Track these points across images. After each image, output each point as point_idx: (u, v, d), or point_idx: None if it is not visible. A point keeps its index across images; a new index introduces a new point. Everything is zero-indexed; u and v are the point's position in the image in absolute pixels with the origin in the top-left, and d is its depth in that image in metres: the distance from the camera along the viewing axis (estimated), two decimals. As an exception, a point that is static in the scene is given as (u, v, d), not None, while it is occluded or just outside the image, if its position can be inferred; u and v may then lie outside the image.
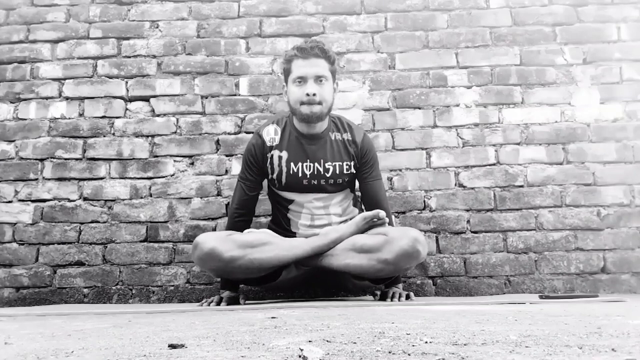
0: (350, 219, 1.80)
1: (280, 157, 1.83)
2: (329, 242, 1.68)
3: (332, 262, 1.66)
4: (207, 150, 2.23)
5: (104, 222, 2.18)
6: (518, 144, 2.21)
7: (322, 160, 1.82)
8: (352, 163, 1.85)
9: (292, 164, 1.82)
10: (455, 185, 2.19)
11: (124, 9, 2.36)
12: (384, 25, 2.32)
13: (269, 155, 1.84)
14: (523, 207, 2.15)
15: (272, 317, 1.12)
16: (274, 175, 1.84)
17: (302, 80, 1.76)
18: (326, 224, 1.84)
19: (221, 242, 1.62)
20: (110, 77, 2.31)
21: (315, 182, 1.82)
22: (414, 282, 2.10)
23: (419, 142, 2.22)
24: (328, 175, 1.82)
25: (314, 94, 1.73)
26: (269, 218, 2.08)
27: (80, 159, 2.24)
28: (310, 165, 1.82)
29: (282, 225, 1.88)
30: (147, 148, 2.25)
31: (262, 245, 1.64)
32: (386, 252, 1.60)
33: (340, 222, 1.84)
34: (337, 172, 1.83)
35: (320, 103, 1.75)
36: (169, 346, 0.67)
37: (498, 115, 2.24)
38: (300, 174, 1.82)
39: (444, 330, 0.81)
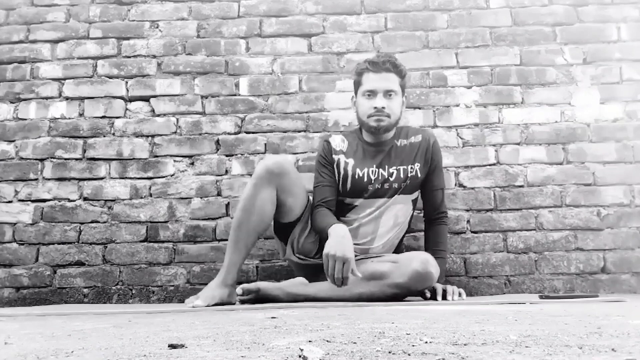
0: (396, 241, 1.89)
1: (346, 163, 1.87)
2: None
3: (344, 294, 1.67)
4: (207, 150, 2.23)
5: (104, 222, 2.18)
6: (518, 144, 2.21)
7: (386, 166, 1.85)
8: (418, 165, 1.86)
9: (357, 170, 1.85)
10: (455, 185, 2.19)
11: (124, 9, 2.36)
12: (384, 25, 2.32)
13: (335, 158, 1.88)
14: (523, 207, 2.15)
15: (272, 317, 1.12)
16: (340, 179, 1.87)
17: (371, 93, 1.80)
18: (372, 230, 1.84)
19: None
20: (110, 77, 2.31)
21: (379, 187, 1.84)
22: (414, 282, 2.10)
23: (419, 142, 2.21)
24: (392, 180, 1.84)
25: (383, 107, 1.78)
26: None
27: (80, 159, 2.24)
28: (375, 171, 1.85)
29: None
30: (147, 148, 2.25)
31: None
32: (397, 276, 1.63)
33: (387, 233, 1.85)
34: (402, 175, 1.84)
35: (388, 116, 1.79)
36: (169, 346, 0.67)
37: (498, 115, 2.24)
38: (365, 179, 1.84)
39: (444, 330, 0.81)
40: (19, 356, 0.63)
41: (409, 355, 0.58)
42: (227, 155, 2.22)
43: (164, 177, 2.22)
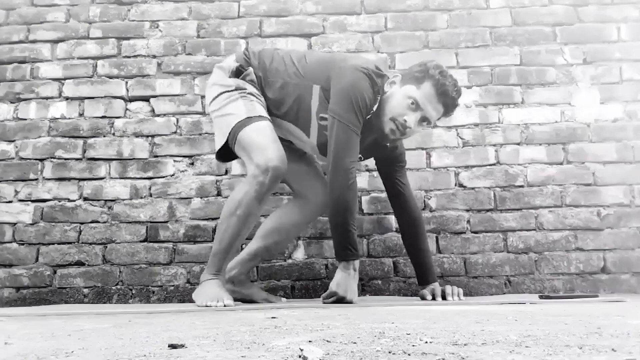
0: None
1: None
2: None
3: None
4: (207, 150, 2.23)
5: (104, 222, 2.18)
6: (518, 144, 2.21)
7: None
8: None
9: None
10: (455, 185, 2.19)
11: (124, 9, 2.36)
12: (384, 25, 2.32)
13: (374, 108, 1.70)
14: (523, 207, 2.15)
15: (272, 317, 1.12)
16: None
17: (416, 107, 1.63)
18: None
19: None
20: (110, 77, 2.31)
21: None
22: (414, 282, 2.10)
23: (419, 142, 2.22)
24: None
25: (409, 128, 1.64)
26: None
27: (80, 159, 2.24)
28: None
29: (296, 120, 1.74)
30: (147, 148, 2.25)
31: None
32: None
33: None
34: None
35: (403, 135, 1.67)
36: (169, 346, 0.67)
37: (498, 115, 2.24)
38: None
39: (444, 330, 0.81)
40: (19, 356, 0.63)
41: (409, 355, 0.58)
42: (227, 155, 2.22)
43: (164, 177, 2.22)
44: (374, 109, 1.68)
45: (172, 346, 0.66)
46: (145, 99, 2.29)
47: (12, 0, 2.37)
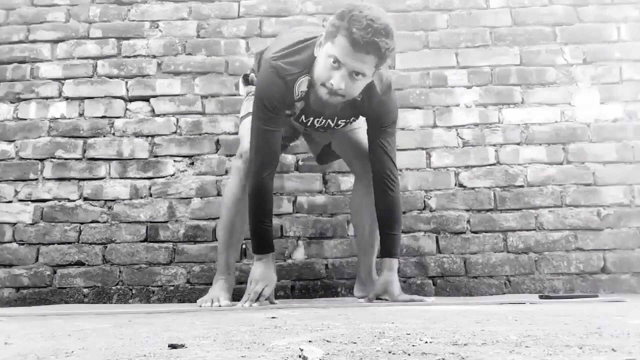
0: None
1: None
2: None
3: None
4: (207, 150, 2.23)
5: (104, 222, 2.18)
6: (518, 144, 2.21)
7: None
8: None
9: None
10: (455, 185, 2.19)
11: (124, 9, 2.36)
12: (384, 25, 2.32)
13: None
14: (523, 207, 2.15)
15: (272, 317, 1.12)
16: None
17: (338, 65, 1.47)
18: None
19: None
20: (110, 77, 2.31)
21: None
22: (414, 282, 2.10)
23: (419, 142, 2.22)
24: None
25: (341, 89, 1.49)
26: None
27: (80, 159, 2.23)
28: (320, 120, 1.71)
29: None
30: (147, 148, 2.24)
31: None
32: None
33: None
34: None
35: (342, 96, 1.52)
36: (169, 346, 0.67)
37: (498, 115, 2.24)
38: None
39: (444, 330, 0.81)
40: (19, 356, 0.63)
41: (409, 355, 0.58)
42: (227, 155, 2.22)
43: (164, 177, 2.22)
44: (300, 90, 1.60)
45: (172, 346, 0.66)
46: (145, 99, 2.29)
47: (12, 0, 2.37)
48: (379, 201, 1.70)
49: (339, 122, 1.72)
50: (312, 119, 1.70)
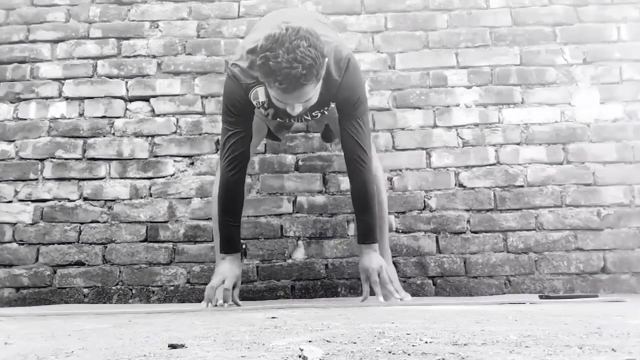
0: None
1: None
2: None
3: None
4: (207, 150, 2.23)
5: (104, 222, 2.18)
6: (518, 144, 2.21)
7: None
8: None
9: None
10: (455, 185, 2.19)
11: (124, 9, 2.36)
12: (384, 25, 2.32)
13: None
14: (523, 207, 2.15)
15: (272, 317, 1.12)
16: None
17: (284, 103, 1.49)
18: None
19: None
20: (110, 77, 2.31)
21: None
22: (414, 282, 2.10)
23: (419, 142, 2.22)
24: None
25: (298, 112, 1.51)
26: (269, 218, 2.09)
27: (80, 159, 2.23)
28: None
29: None
30: (147, 148, 2.25)
31: None
32: None
33: None
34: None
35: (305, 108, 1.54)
36: (169, 346, 0.67)
37: (498, 115, 2.24)
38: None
39: (444, 330, 0.81)
40: (19, 356, 0.63)
41: (409, 355, 0.58)
42: (227, 155, 2.22)
43: (164, 177, 2.22)
44: (260, 100, 1.62)
45: (172, 346, 0.66)
46: (145, 99, 2.29)
47: (12, 0, 2.37)
48: (351, 185, 1.71)
49: (314, 114, 1.73)
50: (287, 118, 1.74)
